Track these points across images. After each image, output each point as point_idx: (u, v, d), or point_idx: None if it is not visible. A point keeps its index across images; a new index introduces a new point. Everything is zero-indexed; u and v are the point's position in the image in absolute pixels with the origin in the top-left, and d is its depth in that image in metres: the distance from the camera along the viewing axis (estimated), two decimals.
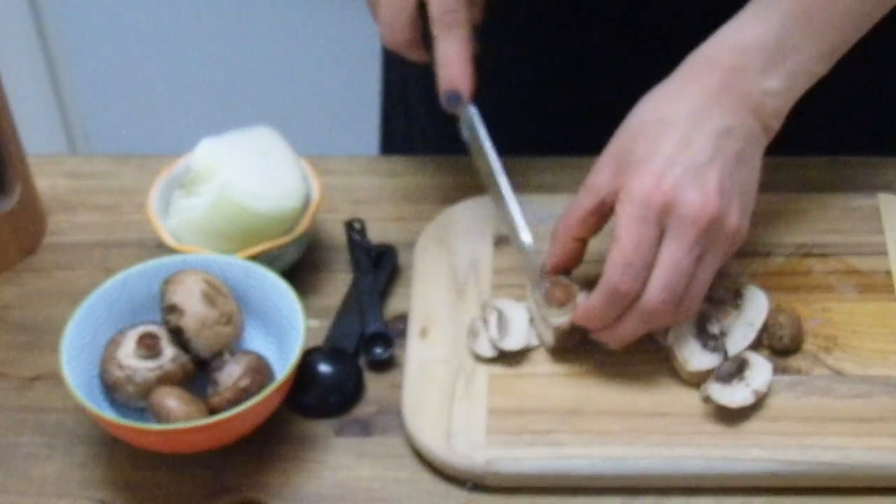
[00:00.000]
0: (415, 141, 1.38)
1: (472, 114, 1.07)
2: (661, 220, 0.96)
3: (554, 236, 1.03)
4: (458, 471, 0.99)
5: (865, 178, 1.18)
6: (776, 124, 1.01)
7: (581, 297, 1.01)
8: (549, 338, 1.03)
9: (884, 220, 1.12)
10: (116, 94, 2.41)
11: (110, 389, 1.00)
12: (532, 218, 1.07)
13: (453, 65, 1.04)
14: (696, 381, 1.01)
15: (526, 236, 1.04)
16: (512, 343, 1.03)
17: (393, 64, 1.40)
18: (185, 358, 1.00)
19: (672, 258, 0.96)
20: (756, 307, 1.04)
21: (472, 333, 1.04)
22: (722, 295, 1.06)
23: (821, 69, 1.01)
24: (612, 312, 0.98)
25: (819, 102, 1.04)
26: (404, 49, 1.07)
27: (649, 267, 0.96)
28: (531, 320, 1.05)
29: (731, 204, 0.97)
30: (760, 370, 1.00)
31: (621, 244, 0.96)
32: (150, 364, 0.99)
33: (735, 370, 1.00)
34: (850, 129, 1.25)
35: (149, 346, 0.99)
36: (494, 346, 1.03)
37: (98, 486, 1.00)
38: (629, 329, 0.99)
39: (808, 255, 1.10)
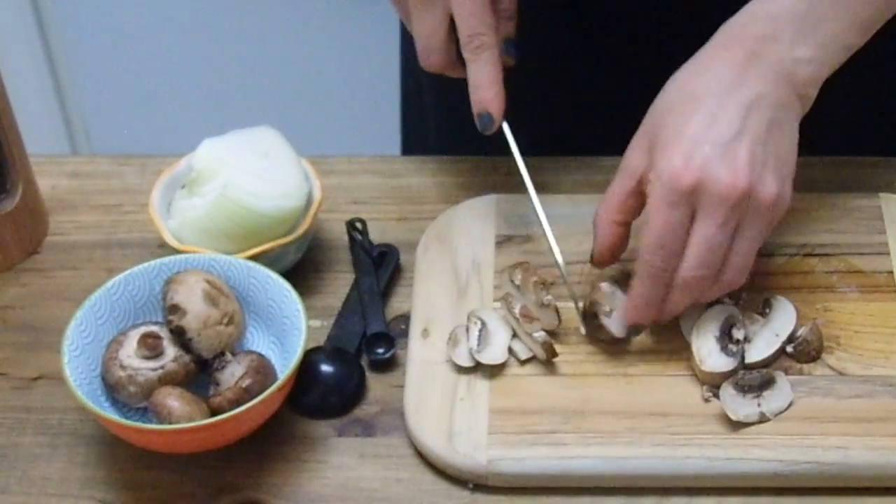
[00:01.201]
0: (429, 140, 1.39)
1: (507, 135, 1.07)
2: (691, 201, 0.96)
3: (596, 223, 1.03)
4: (459, 471, 0.98)
5: (868, 178, 1.18)
6: (812, 91, 1.00)
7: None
8: (540, 351, 1.03)
9: (886, 220, 1.12)
10: (118, 94, 2.41)
11: (112, 389, 1.00)
12: (533, 218, 1.07)
13: (483, 88, 1.05)
14: (709, 380, 1.01)
15: (559, 257, 1.04)
16: (489, 356, 1.03)
17: (408, 66, 1.41)
18: (186, 358, 1.00)
19: (703, 236, 0.96)
20: (784, 318, 1.04)
21: (453, 341, 1.04)
22: (750, 301, 1.06)
23: (855, 40, 1.00)
24: (657, 294, 0.99)
25: (822, 103, 1.04)
26: (441, 70, 1.08)
27: (682, 242, 0.97)
28: (514, 335, 1.04)
29: (765, 174, 0.97)
30: (780, 396, 0.99)
31: (652, 227, 0.97)
32: (152, 364, 0.99)
33: (758, 385, 0.99)
34: (853, 130, 1.25)
35: (150, 346, 0.99)
36: (472, 357, 1.03)
37: (100, 486, 1.00)
38: (676, 305, 1.00)
39: (810, 254, 1.10)
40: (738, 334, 1.02)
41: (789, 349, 1.03)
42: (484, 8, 1.04)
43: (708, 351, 1.01)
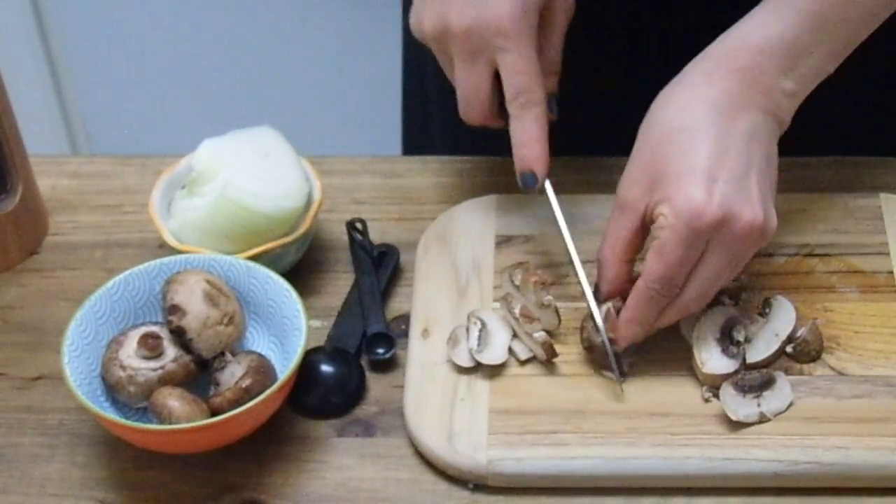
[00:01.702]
0: (433, 141, 1.38)
1: (549, 193, 1.06)
2: (711, 236, 0.96)
3: (602, 263, 1.02)
4: (459, 471, 0.98)
5: (868, 179, 1.18)
6: (788, 120, 1.01)
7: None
8: (539, 351, 1.03)
9: (886, 220, 1.12)
10: (118, 94, 2.41)
11: (112, 389, 1.00)
12: (533, 219, 1.07)
13: (528, 146, 1.04)
14: (709, 382, 1.01)
15: (600, 321, 1.02)
16: (489, 356, 1.03)
17: (411, 65, 1.41)
18: (186, 358, 1.00)
19: (715, 269, 0.97)
20: (783, 319, 1.04)
21: (453, 341, 1.04)
22: (750, 301, 1.06)
23: (831, 68, 1.01)
24: (653, 316, 0.99)
25: (822, 103, 1.04)
26: (485, 121, 1.07)
27: (687, 274, 0.97)
28: (514, 335, 1.04)
29: (769, 206, 0.98)
30: (780, 396, 0.99)
31: (666, 260, 0.96)
32: (152, 364, 0.99)
33: (758, 385, 0.99)
34: (853, 130, 1.25)
35: (150, 346, 0.99)
36: (472, 357, 1.03)
37: (100, 486, 1.00)
38: (667, 321, 1.00)
39: (810, 255, 1.10)
40: (738, 336, 1.02)
41: (789, 349, 1.03)
42: (533, 65, 1.03)
43: (709, 354, 1.01)
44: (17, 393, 1.06)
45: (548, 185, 1.06)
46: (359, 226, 1.14)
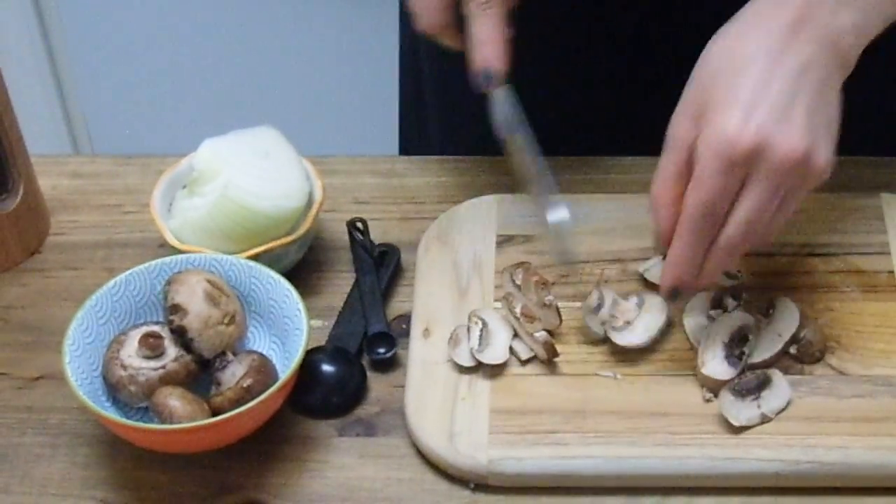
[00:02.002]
0: (431, 141, 1.38)
1: (504, 95, 1.05)
2: (747, 166, 0.93)
3: (653, 205, 0.99)
4: (460, 471, 0.98)
5: (869, 178, 1.18)
6: (853, 58, 0.99)
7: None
8: (541, 351, 1.03)
9: (887, 219, 1.12)
10: (119, 94, 2.41)
11: (113, 389, 1.00)
12: (534, 218, 1.07)
13: (488, 44, 1.03)
14: (706, 384, 1.01)
15: (553, 216, 1.01)
16: (490, 356, 1.03)
17: (408, 64, 1.41)
18: (187, 358, 1.00)
19: (757, 202, 0.94)
20: (787, 320, 1.03)
21: (454, 341, 1.04)
22: (752, 300, 1.06)
23: (893, 10, 0.99)
24: (698, 255, 0.97)
25: None
26: (439, 32, 1.06)
27: (728, 207, 0.95)
28: (515, 335, 1.04)
29: (818, 142, 0.95)
30: (779, 394, 0.99)
31: (705, 190, 0.94)
32: (153, 364, 0.99)
33: (755, 387, 0.99)
34: (854, 129, 1.24)
35: (151, 345, 0.99)
36: (473, 357, 1.03)
37: (101, 485, 1.00)
38: (717, 265, 0.97)
39: (811, 254, 1.10)
40: (745, 348, 1.01)
41: (792, 350, 1.03)
42: None
43: (713, 355, 1.01)
44: (19, 393, 1.06)
45: (505, 91, 1.05)
46: (359, 225, 1.14)
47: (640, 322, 1.03)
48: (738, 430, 0.98)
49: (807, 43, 0.96)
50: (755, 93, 0.94)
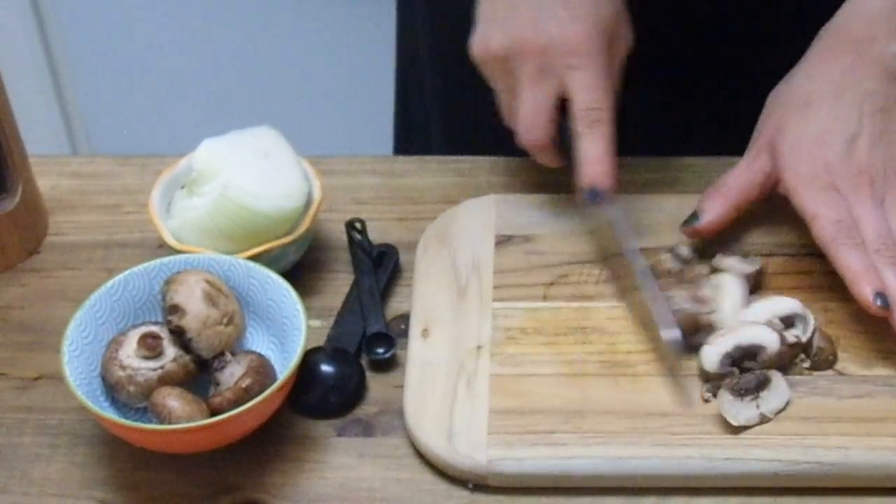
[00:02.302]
0: (430, 142, 1.38)
1: (618, 214, 1.06)
2: (835, 186, 1.01)
3: (717, 195, 1.06)
4: (459, 471, 0.98)
5: None
6: None
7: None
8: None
9: None
10: (118, 94, 2.41)
11: (112, 389, 1.00)
12: (534, 218, 1.07)
13: (597, 162, 1.04)
14: (704, 378, 1.01)
15: (669, 334, 1.01)
16: (774, 405, 1.00)
17: (405, 65, 1.40)
18: (186, 358, 1.00)
19: (865, 210, 1.01)
20: (803, 329, 1.04)
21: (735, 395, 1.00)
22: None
23: None
24: (866, 265, 1.01)
25: None
26: (539, 149, 1.07)
27: (856, 221, 1.01)
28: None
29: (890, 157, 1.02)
30: (778, 394, 0.99)
31: (820, 216, 1.01)
32: (152, 364, 0.99)
33: (753, 387, 0.99)
34: None
35: (150, 346, 0.99)
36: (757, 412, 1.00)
37: (99, 486, 1.00)
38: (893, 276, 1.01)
39: (810, 254, 1.10)
40: (752, 364, 1.01)
41: (806, 364, 1.02)
42: (606, 83, 1.04)
43: (715, 354, 1.01)
44: (17, 393, 1.06)
45: (618, 210, 1.06)
46: (358, 226, 1.14)
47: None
48: (736, 430, 0.98)
49: (865, 76, 1.03)
50: (826, 127, 1.03)
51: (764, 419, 0.98)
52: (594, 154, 1.04)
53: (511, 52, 1.04)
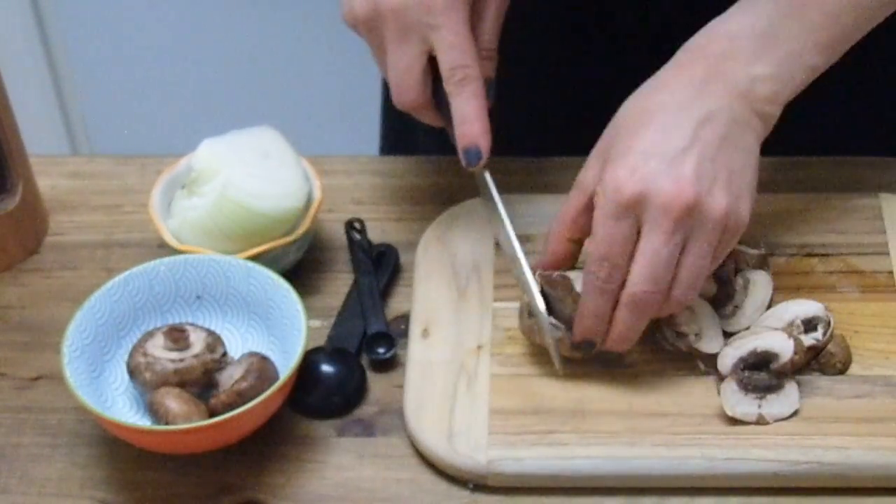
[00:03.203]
0: (417, 141, 1.38)
1: (488, 179, 1.06)
2: (635, 213, 0.95)
3: (549, 238, 1.03)
4: (459, 471, 0.98)
5: (868, 178, 1.18)
6: (771, 109, 0.99)
7: None
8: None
9: (886, 220, 1.12)
10: (118, 94, 2.41)
11: (131, 374, 1.00)
12: (533, 218, 1.07)
13: (471, 122, 1.03)
14: (707, 363, 1.01)
15: (541, 303, 1.02)
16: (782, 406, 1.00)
17: None
18: (208, 357, 1.00)
19: (650, 249, 0.95)
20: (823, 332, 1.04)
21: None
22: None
23: (818, 62, 1.00)
24: (604, 308, 0.98)
25: (821, 102, 1.04)
26: (415, 110, 1.06)
27: (628, 258, 0.96)
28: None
29: (714, 188, 0.95)
30: (785, 403, 0.99)
31: (596, 239, 0.96)
32: (174, 356, 0.99)
33: (763, 388, 0.99)
34: (853, 129, 1.25)
35: (175, 338, 1.00)
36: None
37: (99, 486, 1.00)
38: (624, 324, 0.98)
39: (809, 254, 1.10)
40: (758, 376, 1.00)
41: (814, 364, 1.02)
42: (467, 40, 1.02)
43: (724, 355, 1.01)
44: (17, 393, 1.06)
45: (487, 175, 1.06)
46: (357, 226, 1.14)
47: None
48: (736, 428, 0.98)
49: (714, 95, 0.98)
50: (653, 143, 0.96)
51: (761, 420, 0.98)
52: (466, 113, 1.03)
53: (374, 14, 1.03)
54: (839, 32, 1.00)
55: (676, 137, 0.96)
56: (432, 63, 1.03)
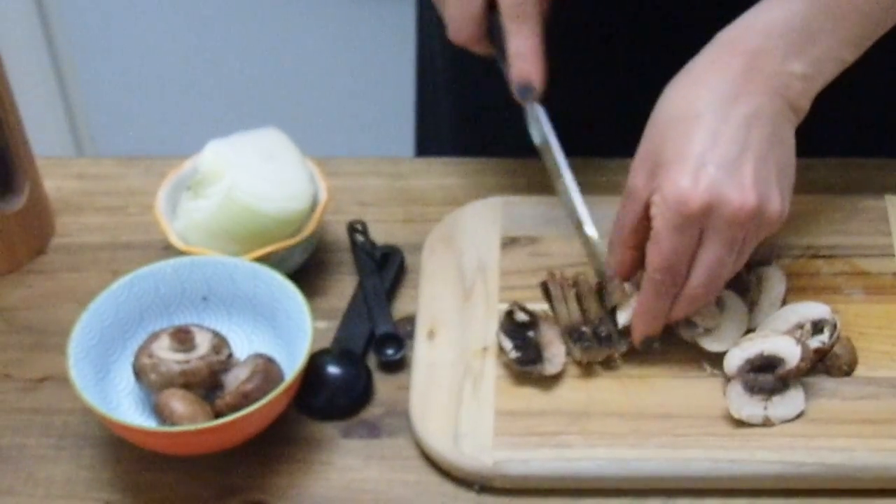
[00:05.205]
0: (444, 141, 1.39)
1: (539, 111, 1.08)
2: (700, 223, 0.96)
3: (610, 248, 1.03)
4: (465, 472, 0.98)
5: (874, 180, 1.18)
6: (805, 104, 1.00)
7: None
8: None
9: (892, 221, 1.12)
10: (123, 96, 2.41)
11: (137, 375, 1.00)
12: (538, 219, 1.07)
13: (525, 57, 1.05)
14: (711, 362, 1.01)
15: (591, 230, 1.04)
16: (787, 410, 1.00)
17: (424, 67, 1.41)
18: (214, 358, 1.00)
19: (714, 258, 0.97)
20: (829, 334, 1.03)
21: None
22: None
23: (848, 56, 1.00)
24: (663, 307, 0.99)
25: (828, 104, 1.04)
26: (471, 44, 1.08)
27: (688, 265, 0.97)
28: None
29: (770, 190, 0.97)
30: (790, 405, 0.99)
31: (660, 249, 0.97)
32: (179, 357, 0.99)
33: (768, 389, 0.99)
34: (859, 131, 1.24)
35: (180, 339, 1.00)
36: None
37: (105, 487, 1.00)
38: (679, 313, 1.00)
39: (815, 256, 1.10)
40: (763, 379, 1.00)
41: (820, 366, 1.02)
42: None
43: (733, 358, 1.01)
44: (23, 394, 1.06)
45: (539, 108, 1.08)
46: (359, 227, 1.14)
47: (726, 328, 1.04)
48: (741, 430, 0.98)
49: (755, 92, 0.98)
50: (705, 147, 0.96)
51: (767, 422, 0.98)
52: (521, 49, 1.05)
53: None
54: (870, 26, 1.00)
55: (729, 141, 0.96)
56: (491, 7, 1.05)
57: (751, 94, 0.98)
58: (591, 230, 1.05)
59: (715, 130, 0.96)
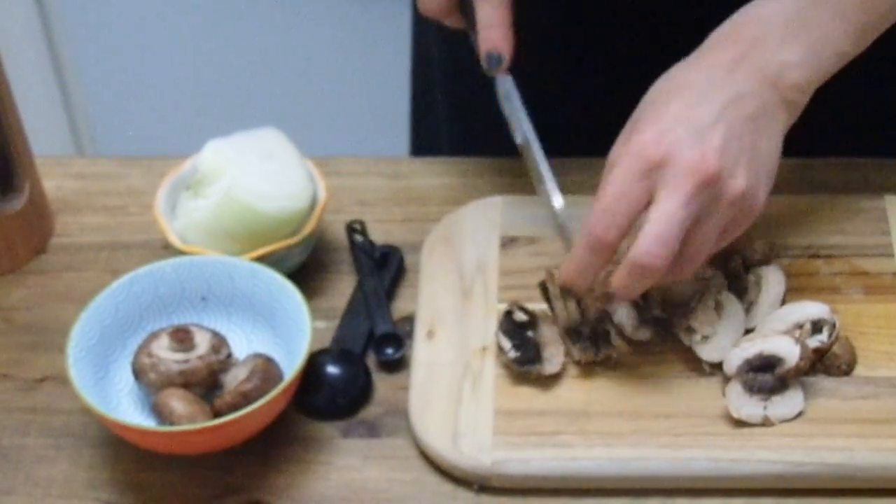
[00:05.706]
0: (440, 140, 1.39)
1: (508, 83, 1.08)
2: (654, 175, 0.94)
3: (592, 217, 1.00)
4: (464, 472, 0.98)
5: (873, 180, 1.18)
6: (799, 97, 1.00)
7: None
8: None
9: (891, 221, 1.12)
10: (123, 95, 2.41)
11: (136, 375, 1.00)
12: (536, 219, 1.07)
13: (494, 27, 1.05)
14: (711, 364, 1.01)
15: (558, 200, 1.04)
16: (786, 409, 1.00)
17: (420, 66, 1.41)
18: (213, 358, 1.00)
19: (664, 210, 0.93)
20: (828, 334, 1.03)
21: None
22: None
23: (848, 48, 1.00)
24: (595, 262, 0.97)
25: (827, 104, 1.04)
26: (441, 16, 1.08)
27: (630, 218, 0.95)
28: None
29: (736, 167, 0.95)
30: (790, 404, 0.99)
31: (604, 192, 0.95)
32: (178, 356, 0.99)
33: (767, 389, 0.99)
34: (858, 131, 1.24)
35: (179, 338, 1.00)
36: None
37: (104, 487, 1.00)
38: (622, 286, 0.96)
39: (814, 256, 1.10)
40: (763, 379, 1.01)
41: (819, 366, 1.02)
42: None
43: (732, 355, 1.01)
44: (22, 394, 1.06)
45: (508, 80, 1.08)
46: (357, 227, 1.14)
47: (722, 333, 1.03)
48: (741, 429, 0.98)
49: (743, 78, 0.98)
50: (679, 113, 0.96)
51: (766, 422, 0.98)
52: (489, 19, 1.05)
53: None
54: (870, 19, 1.00)
55: (705, 112, 0.96)
56: None
57: (740, 79, 0.97)
58: (558, 201, 1.04)
59: (694, 104, 0.96)
